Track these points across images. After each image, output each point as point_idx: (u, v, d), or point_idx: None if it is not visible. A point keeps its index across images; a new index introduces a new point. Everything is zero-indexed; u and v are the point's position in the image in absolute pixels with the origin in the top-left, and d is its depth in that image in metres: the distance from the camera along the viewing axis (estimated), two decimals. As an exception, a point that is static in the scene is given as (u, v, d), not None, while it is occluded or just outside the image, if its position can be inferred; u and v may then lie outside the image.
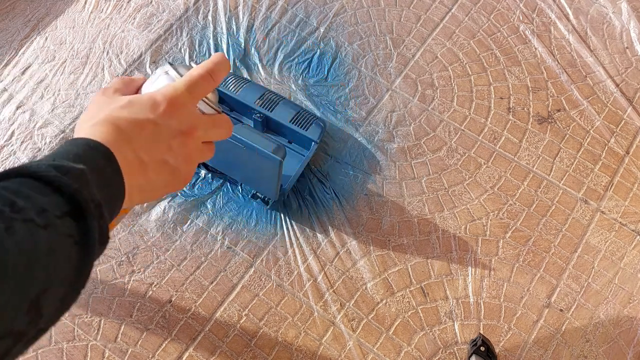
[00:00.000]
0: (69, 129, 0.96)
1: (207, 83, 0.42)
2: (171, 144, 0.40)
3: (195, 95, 0.42)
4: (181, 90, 0.41)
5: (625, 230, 0.92)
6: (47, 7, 1.09)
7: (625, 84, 1.06)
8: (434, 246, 0.89)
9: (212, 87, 0.42)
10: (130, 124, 0.39)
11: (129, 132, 0.38)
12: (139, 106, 0.40)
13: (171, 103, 0.40)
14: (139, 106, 0.40)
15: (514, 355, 0.82)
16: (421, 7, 1.12)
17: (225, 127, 0.44)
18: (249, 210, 0.90)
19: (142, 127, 0.39)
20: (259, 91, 0.94)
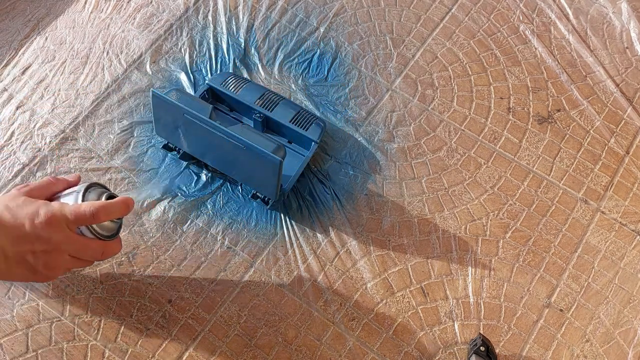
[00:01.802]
0: (69, 129, 0.96)
1: (86, 221, 0.53)
2: (35, 249, 0.50)
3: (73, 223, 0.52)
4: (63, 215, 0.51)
5: (625, 230, 0.92)
6: (47, 7, 1.09)
7: (625, 84, 1.06)
8: (434, 246, 0.89)
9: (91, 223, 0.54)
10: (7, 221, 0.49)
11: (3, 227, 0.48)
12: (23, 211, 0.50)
13: (48, 220, 0.50)
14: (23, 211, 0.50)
15: (514, 355, 0.82)
16: (421, 7, 1.12)
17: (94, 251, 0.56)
18: (249, 210, 0.90)
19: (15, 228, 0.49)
20: (259, 91, 0.94)
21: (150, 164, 0.94)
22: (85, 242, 0.54)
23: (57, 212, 0.51)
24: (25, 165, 0.93)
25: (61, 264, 0.54)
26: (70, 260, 0.55)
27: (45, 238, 0.50)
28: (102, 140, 0.95)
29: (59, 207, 0.52)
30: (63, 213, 0.51)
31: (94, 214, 0.52)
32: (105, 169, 0.93)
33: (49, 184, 0.57)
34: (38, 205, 0.51)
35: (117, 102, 0.99)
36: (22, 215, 0.50)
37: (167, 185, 0.92)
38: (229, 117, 0.98)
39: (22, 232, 0.49)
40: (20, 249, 0.50)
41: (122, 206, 0.56)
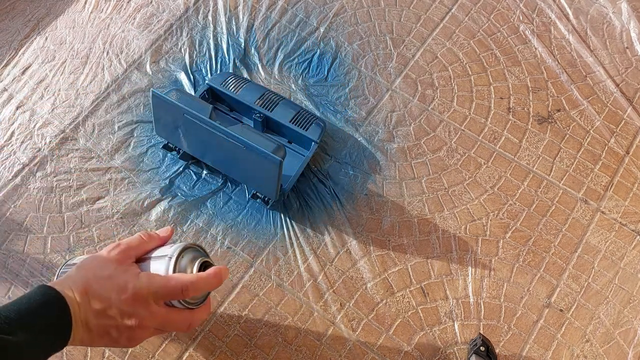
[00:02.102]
0: (69, 129, 0.96)
1: (176, 296, 0.50)
2: (119, 324, 0.48)
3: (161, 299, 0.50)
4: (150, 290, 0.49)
5: (625, 230, 0.92)
6: (47, 7, 1.09)
7: (625, 84, 1.06)
8: (434, 246, 0.89)
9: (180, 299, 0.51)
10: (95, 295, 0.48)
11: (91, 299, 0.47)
12: (111, 284, 0.48)
13: (135, 296, 0.48)
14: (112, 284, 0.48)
15: (514, 355, 0.82)
16: (421, 7, 1.12)
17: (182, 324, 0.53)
18: (249, 210, 0.90)
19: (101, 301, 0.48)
20: (259, 91, 0.94)
21: (150, 164, 0.94)
22: (171, 316, 0.51)
23: (145, 289, 0.48)
24: (25, 165, 0.93)
25: (144, 336, 0.52)
26: (154, 331, 0.53)
27: (130, 314, 0.48)
28: (102, 140, 0.95)
29: (147, 282, 0.49)
30: (151, 290, 0.48)
31: (182, 290, 0.49)
32: (105, 169, 0.93)
33: (141, 243, 0.54)
34: (127, 278, 0.49)
35: (117, 102, 0.99)
36: (110, 289, 0.48)
37: (167, 185, 0.92)
38: (229, 117, 0.98)
39: (107, 306, 0.48)
40: (104, 322, 0.48)
41: (214, 280, 0.52)
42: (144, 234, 0.55)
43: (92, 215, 0.89)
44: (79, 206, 0.89)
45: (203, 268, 0.54)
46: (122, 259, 0.51)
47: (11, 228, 0.87)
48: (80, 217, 0.89)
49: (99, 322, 0.47)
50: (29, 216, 0.88)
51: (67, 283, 0.48)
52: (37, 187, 0.91)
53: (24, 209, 0.89)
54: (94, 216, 0.89)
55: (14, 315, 0.42)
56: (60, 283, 0.48)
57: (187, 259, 0.53)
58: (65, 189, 0.91)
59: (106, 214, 0.89)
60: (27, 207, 0.89)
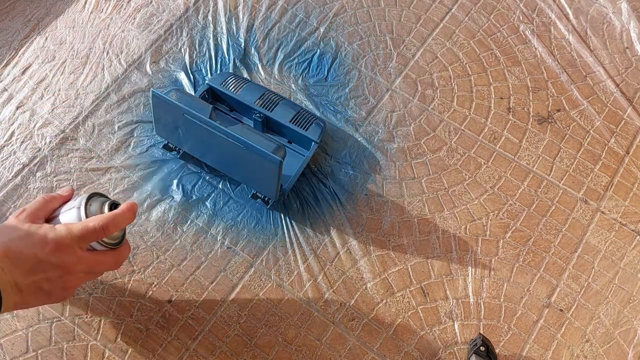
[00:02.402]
0: (69, 129, 0.96)
1: (98, 235, 0.51)
2: (49, 275, 0.49)
3: (84, 241, 0.51)
4: (71, 236, 0.50)
5: (625, 230, 0.92)
6: (47, 7, 1.09)
7: (625, 84, 1.06)
8: (434, 246, 0.89)
9: (102, 237, 0.52)
10: (16, 254, 0.48)
11: (13, 260, 0.47)
12: (30, 241, 0.48)
13: (58, 245, 0.49)
14: (30, 241, 0.48)
15: (514, 355, 0.82)
16: (421, 7, 1.12)
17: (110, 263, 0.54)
18: (249, 210, 0.90)
19: (25, 259, 0.48)
20: (259, 91, 0.94)
21: (150, 164, 0.94)
22: (98, 257, 0.53)
23: (66, 236, 0.49)
24: (25, 165, 0.93)
25: (76, 283, 0.53)
26: (84, 276, 0.54)
27: (57, 264, 0.49)
28: (102, 140, 0.95)
29: (66, 229, 0.50)
30: (71, 235, 0.50)
31: (103, 228, 0.51)
32: (105, 169, 0.93)
33: (45, 203, 0.56)
34: (44, 231, 0.50)
35: (117, 102, 0.99)
36: (30, 245, 0.48)
37: (167, 185, 0.92)
38: (229, 117, 0.98)
39: (33, 262, 0.48)
40: (33, 279, 0.48)
41: (128, 214, 0.55)
42: (45, 195, 0.57)
43: (92, 215, 0.89)
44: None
45: (113, 208, 0.56)
46: (32, 219, 0.52)
47: (11, 228, 0.87)
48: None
49: (28, 280, 0.48)
50: (29, 216, 0.88)
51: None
52: (37, 187, 0.91)
53: (24, 209, 0.89)
54: (94, 216, 0.89)
55: None
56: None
57: (96, 204, 0.56)
58: (65, 189, 0.91)
59: (106, 214, 0.89)
60: (27, 207, 0.89)
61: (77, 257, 0.50)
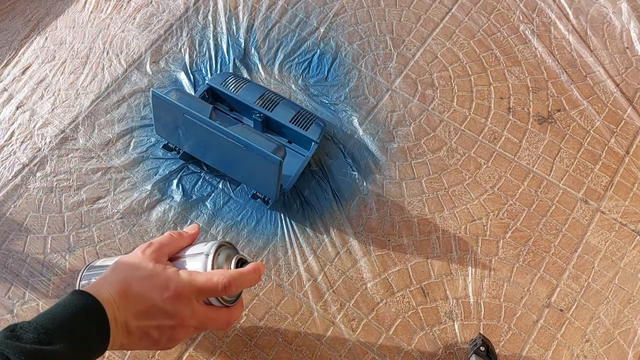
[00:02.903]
0: (69, 129, 0.96)
1: (219, 293, 0.49)
2: (160, 324, 0.47)
3: (202, 296, 0.49)
4: (193, 287, 0.47)
5: (625, 230, 0.92)
6: (47, 7, 1.09)
7: (625, 84, 1.06)
8: (434, 246, 0.89)
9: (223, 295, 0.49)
10: (135, 294, 0.46)
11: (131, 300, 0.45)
12: (152, 283, 0.46)
13: (178, 294, 0.46)
14: (152, 283, 0.46)
15: (514, 355, 0.82)
16: (421, 7, 1.12)
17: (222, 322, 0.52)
18: (249, 210, 0.90)
19: (143, 302, 0.46)
20: (259, 91, 0.94)
21: (150, 164, 0.94)
22: (212, 314, 0.51)
23: (187, 287, 0.47)
24: (25, 165, 0.93)
25: (184, 336, 0.51)
26: (193, 330, 0.51)
27: (172, 313, 0.47)
28: (102, 140, 0.95)
29: (189, 279, 0.47)
30: (193, 286, 0.47)
31: (226, 286, 0.48)
32: (105, 169, 0.93)
33: (172, 241, 0.53)
34: (167, 277, 0.47)
35: (117, 102, 0.99)
36: (150, 288, 0.46)
37: (167, 185, 0.92)
38: (229, 117, 0.98)
39: (149, 306, 0.46)
40: (145, 324, 0.46)
41: (254, 276, 0.51)
42: (173, 232, 0.55)
43: (92, 215, 0.89)
44: (79, 206, 0.89)
45: (240, 265, 0.54)
46: (157, 257, 0.50)
47: (11, 228, 0.87)
48: (80, 217, 0.89)
49: (140, 323, 0.46)
50: (29, 216, 0.88)
51: (103, 286, 0.46)
52: (37, 187, 0.91)
53: (24, 209, 0.89)
54: (94, 216, 0.89)
55: (51, 325, 0.40)
56: (95, 287, 0.46)
57: (223, 256, 0.54)
58: (65, 189, 0.91)
59: (106, 214, 0.89)
60: (27, 207, 0.89)
61: (192, 309, 0.48)
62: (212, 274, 0.49)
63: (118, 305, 0.45)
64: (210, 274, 0.49)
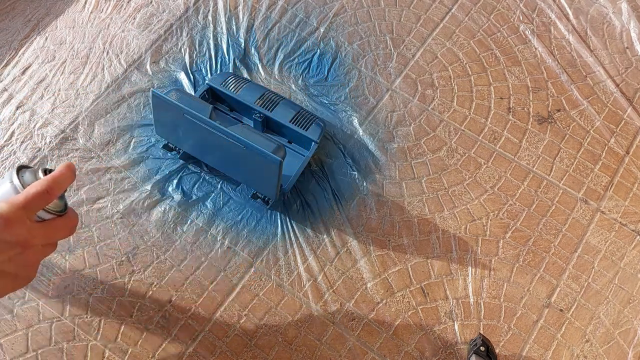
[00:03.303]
0: (68, 128, 0.96)
1: (44, 200, 0.48)
2: (9, 255, 0.46)
3: (31, 210, 0.48)
4: (16, 208, 0.46)
5: (625, 230, 0.92)
6: (47, 7, 1.09)
7: (625, 84, 1.06)
8: (434, 246, 0.89)
9: (49, 202, 0.49)
10: None
11: None
12: None
13: (6, 220, 0.45)
14: None
15: (514, 355, 0.82)
16: (421, 7, 1.12)
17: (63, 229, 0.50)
18: (249, 210, 0.90)
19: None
20: (259, 91, 0.94)
21: (150, 164, 0.94)
22: (50, 225, 0.50)
23: (10, 209, 0.46)
24: (25, 165, 0.93)
25: (37, 257, 0.50)
26: (43, 249, 0.51)
27: (12, 241, 0.46)
28: (102, 140, 0.95)
29: (8, 203, 0.47)
30: (15, 206, 0.47)
31: (47, 191, 0.48)
32: (105, 169, 0.93)
33: None
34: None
35: (117, 102, 0.99)
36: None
37: (167, 185, 0.92)
38: (229, 117, 0.98)
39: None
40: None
41: (68, 173, 0.51)
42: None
43: (92, 215, 0.89)
44: (79, 206, 0.89)
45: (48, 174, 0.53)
46: None
47: (11, 228, 0.87)
48: (80, 217, 0.89)
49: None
50: (29, 216, 0.88)
51: None
52: (37, 187, 0.91)
53: (24, 209, 0.89)
54: (94, 216, 0.89)
55: None
56: None
57: (29, 173, 0.53)
58: (65, 189, 0.91)
59: (106, 214, 0.89)
60: (27, 207, 0.89)
61: (28, 229, 0.47)
62: (28, 189, 0.48)
63: None
64: (26, 189, 0.48)
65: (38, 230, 0.49)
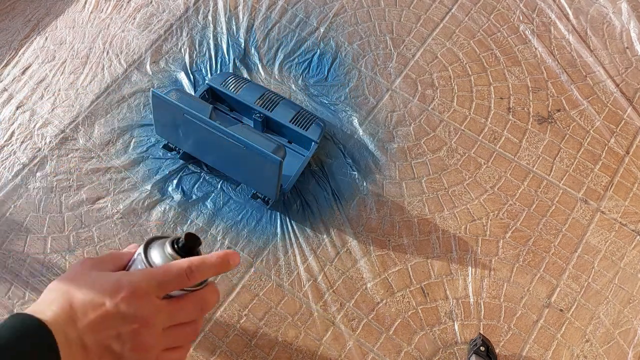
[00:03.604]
0: (68, 128, 0.96)
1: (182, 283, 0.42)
2: (120, 331, 0.40)
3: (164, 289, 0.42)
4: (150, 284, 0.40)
5: (625, 230, 0.92)
6: (47, 7, 1.09)
7: (625, 84, 1.06)
8: (434, 246, 0.89)
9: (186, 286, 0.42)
10: (83, 305, 0.39)
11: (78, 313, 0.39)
12: (99, 288, 0.40)
13: (133, 291, 0.40)
14: (99, 288, 0.40)
15: (514, 355, 0.82)
16: (421, 7, 1.12)
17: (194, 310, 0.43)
18: (249, 210, 0.90)
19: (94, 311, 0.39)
20: (259, 91, 0.94)
21: (150, 164, 0.94)
22: (179, 305, 0.42)
23: (144, 282, 0.41)
24: (25, 165, 0.93)
25: (152, 342, 0.42)
26: (162, 334, 0.43)
27: (131, 315, 0.40)
28: (102, 140, 0.95)
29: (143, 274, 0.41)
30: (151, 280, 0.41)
31: (188, 275, 0.41)
32: (105, 169, 0.93)
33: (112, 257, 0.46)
34: (116, 278, 0.41)
35: (117, 102, 0.99)
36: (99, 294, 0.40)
37: (167, 185, 0.92)
38: (229, 117, 0.97)
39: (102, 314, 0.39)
40: (101, 336, 0.40)
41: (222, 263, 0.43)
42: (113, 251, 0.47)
43: (92, 215, 0.89)
44: (79, 206, 0.89)
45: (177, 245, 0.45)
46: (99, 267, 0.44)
47: (11, 228, 0.87)
48: (80, 217, 0.89)
49: (96, 337, 0.39)
50: (29, 216, 0.88)
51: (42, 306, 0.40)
52: (37, 187, 0.91)
53: (24, 209, 0.89)
54: (94, 216, 0.89)
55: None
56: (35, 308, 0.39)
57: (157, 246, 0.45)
58: (65, 189, 0.91)
59: (106, 214, 0.89)
60: (27, 207, 0.89)
61: (154, 306, 0.41)
62: (170, 265, 0.42)
63: (66, 322, 0.39)
64: (168, 265, 0.42)
65: (162, 309, 0.42)
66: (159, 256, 0.44)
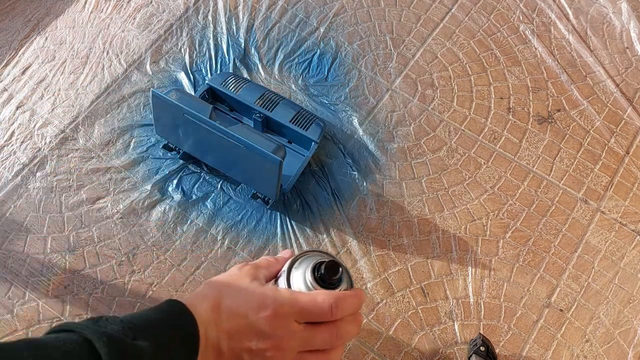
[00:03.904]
0: (68, 128, 0.96)
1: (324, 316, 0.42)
2: (253, 347, 0.41)
3: (305, 317, 0.42)
4: (293, 309, 0.41)
5: (625, 230, 0.92)
6: (47, 7, 1.09)
7: (625, 84, 1.06)
8: (434, 246, 0.89)
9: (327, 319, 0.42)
10: (229, 311, 0.41)
11: (223, 316, 0.41)
12: (247, 300, 0.42)
13: (275, 313, 0.41)
14: (247, 300, 0.42)
15: (514, 355, 0.82)
16: (421, 7, 1.12)
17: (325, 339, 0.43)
18: (249, 210, 0.90)
19: (236, 319, 0.41)
20: (259, 91, 0.94)
21: (150, 164, 0.94)
22: (313, 331, 0.43)
23: (288, 305, 0.41)
24: (25, 165, 0.93)
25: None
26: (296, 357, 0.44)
27: (267, 334, 0.41)
28: (102, 140, 0.95)
29: (290, 297, 0.42)
30: (295, 306, 0.42)
31: (332, 309, 0.41)
32: (105, 169, 0.93)
33: (269, 264, 0.48)
34: (265, 294, 0.42)
35: (117, 102, 0.99)
36: (245, 305, 0.41)
37: (167, 185, 0.92)
38: (229, 117, 0.97)
39: (242, 325, 0.41)
40: (237, 344, 0.41)
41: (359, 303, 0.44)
42: (269, 257, 0.50)
43: (92, 215, 0.89)
44: (79, 206, 0.89)
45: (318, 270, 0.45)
46: (255, 275, 0.45)
47: (11, 228, 0.87)
48: (80, 217, 0.89)
49: (232, 344, 0.41)
50: (29, 216, 0.88)
51: (196, 299, 0.42)
52: (37, 187, 0.91)
53: (24, 209, 0.89)
54: (94, 216, 0.89)
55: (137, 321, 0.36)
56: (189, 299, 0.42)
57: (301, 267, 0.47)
58: (65, 189, 0.91)
59: (106, 214, 0.89)
60: (27, 207, 0.89)
61: (291, 330, 0.41)
62: (317, 294, 0.43)
63: (210, 320, 0.41)
64: (314, 293, 0.43)
65: (297, 334, 0.42)
66: (300, 280, 0.45)
